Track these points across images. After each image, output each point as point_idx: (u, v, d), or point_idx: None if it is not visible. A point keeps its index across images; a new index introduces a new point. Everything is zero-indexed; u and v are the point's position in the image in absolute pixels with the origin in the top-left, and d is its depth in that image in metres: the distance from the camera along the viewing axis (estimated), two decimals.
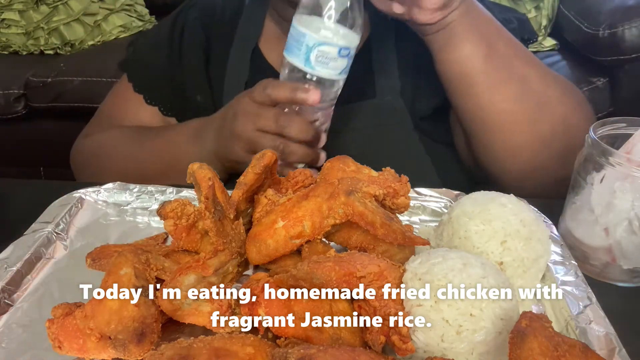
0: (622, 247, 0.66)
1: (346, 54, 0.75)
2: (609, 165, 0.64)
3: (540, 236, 0.63)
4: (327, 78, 0.77)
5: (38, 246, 0.68)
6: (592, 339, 0.54)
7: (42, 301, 0.62)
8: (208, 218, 0.61)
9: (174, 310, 0.54)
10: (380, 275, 0.53)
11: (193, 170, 0.67)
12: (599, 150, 0.65)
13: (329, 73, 0.76)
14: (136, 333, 0.50)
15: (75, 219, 0.76)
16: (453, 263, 0.54)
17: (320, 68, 0.75)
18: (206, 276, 0.56)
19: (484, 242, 0.61)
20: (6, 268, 0.63)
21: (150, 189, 0.81)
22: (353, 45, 0.76)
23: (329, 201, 0.60)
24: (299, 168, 0.80)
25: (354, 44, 0.76)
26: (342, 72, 0.77)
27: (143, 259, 0.57)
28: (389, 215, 0.62)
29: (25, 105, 2.20)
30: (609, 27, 1.88)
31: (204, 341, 0.49)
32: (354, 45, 0.76)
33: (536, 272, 0.63)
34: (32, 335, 0.57)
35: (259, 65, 1.02)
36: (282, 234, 0.61)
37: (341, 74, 0.78)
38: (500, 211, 0.63)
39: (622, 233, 0.65)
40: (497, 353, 0.50)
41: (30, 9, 2.36)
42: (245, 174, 0.68)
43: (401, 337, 0.50)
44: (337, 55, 0.74)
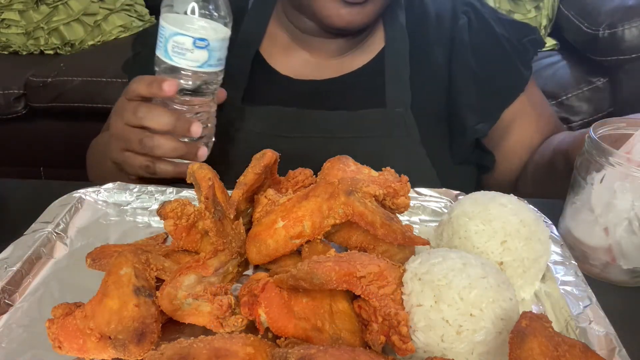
0: (621, 247, 0.66)
1: (204, 46, 0.74)
2: (609, 165, 0.64)
3: (540, 236, 0.63)
4: (185, 68, 0.75)
5: (38, 246, 0.68)
6: (592, 339, 0.54)
7: (42, 301, 0.62)
8: (208, 218, 0.61)
9: (174, 310, 0.54)
10: (380, 275, 0.53)
11: (193, 170, 0.67)
12: (599, 150, 0.65)
13: (186, 64, 0.75)
14: (136, 333, 0.50)
15: (75, 219, 0.76)
16: (453, 263, 0.54)
17: (177, 58, 0.75)
18: (206, 276, 0.56)
19: (484, 242, 0.61)
20: (6, 268, 0.63)
21: (150, 189, 0.81)
22: (212, 37, 0.75)
23: (329, 201, 0.60)
24: (183, 163, 0.79)
25: (214, 36, 0.75)
26: (205, 64, 0.76)
27: (143, 259, 0.57)
28: (389, 215, 0.62)
29: (25, 105, 2.20)
30: (609, 27, 1.88)
31: (204, 341, 0.49)
32: (215, 37, 0.75)
33: (536, 272, 0.63)
34: (32, 335, 0.57)
35: (260, 70, 1.01)
36: (282, 234, 0.61)
37: (204, 67, 0.76)
38: (500, 211, 0.63)
39: (622, 233, 0.65)
40: (497, 353, 0.50)
41: (30, 9, 2.36)
42: (245, 174, 0.68)
43: (401, 337, 0.50)
44: (192, 46, 0.74)
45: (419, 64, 0.99)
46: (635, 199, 0.63)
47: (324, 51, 1.00)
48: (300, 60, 1.02)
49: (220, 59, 0.78)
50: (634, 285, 0.68)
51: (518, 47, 1.00)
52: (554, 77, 2.02)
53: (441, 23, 1.02)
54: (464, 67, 0.98)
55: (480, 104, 0.98)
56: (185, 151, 0.79)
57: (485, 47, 1.00)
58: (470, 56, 0.99)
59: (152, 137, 0.77)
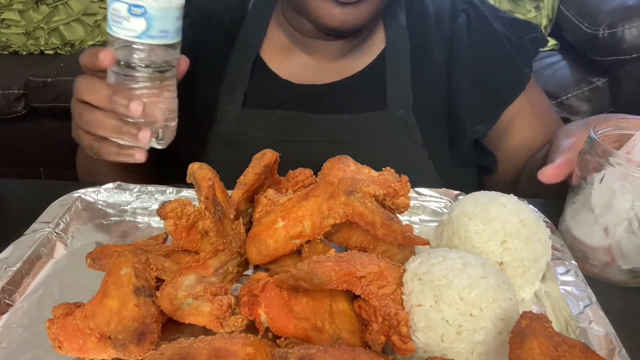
0: (621, 247, 0.66)
1: (139, 13, 0.67)
2: (608, 165, 0.64)
3: (540, 236, 0.63)
4: (122, 38, 0.69)
5: (38, 246, 0.68)
6: (592, 339, 0.54)
7: (42, 301, 0.62)
8: (208, 218, 0.61)
9: (174, 310, 0.54)
10: (380, 275, 0.53)
11: (193, 170, 0.67)
12: (599, 151, 0.65)
13: (124, 33, 0.68)
14: (136, 333, 0.50)
15: (75, 219, 0.76)
16: (453, 263, 0.54)
17: (115, 28, 0.69)
18: (206, 276, 0.56)
19: (484, 242, 0.61)
20: (6, 268, 0.63)
21: (150, 189, 0.81)
22: (150, 4, 0.67)
23: (329, 201, 0.60)
24: (128, 146, 0.72)
25: (153, 3, 0.67)
26: (144, 35, 0.68)
27: (143, 259, 0.57)
28: (389, 215, 0.62)
29: (25, 105, 2.20)
30: (609, 27, 1.88)
31: (204, 341, 0.49)
32: (153, 4, 0.67)
33: (536, 272, 0.63)
34: (32, 335, 0.57)
35: (260, 74, 1.00)
36: (282, 234, 0.61)
37: (142, 37, 0.68)
38: (500, 211, 0.63)
39: (621, 233, 0.65)
40: (497, 353, 0.50)
41: (30, 9, 2.36)
42: (245, 174, 0.68)
43: (401, 337, 0.50)
44: (128, 14, 0.68)
45: (420, 65, 0.98)
46: (635, 199, 0.63)
47: (324, 54, 1.00)
48: (300, 63, 1.01)
49: (164, 31, 0.69)
50: (633, 285, 0.68)
51: (518, 46, 0.99)
52: (554, 77, 2.02)
53: (440, 22, 1.01)
54: (462, 66, 0.98)
55: (479, 104, 0.97)
56: (125, 131, 0.70)
57: (484, 46, 0.99)
58: (469, 55, 0.98)
59: (91, 111, 0.71)
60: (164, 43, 0.70)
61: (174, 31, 0.70)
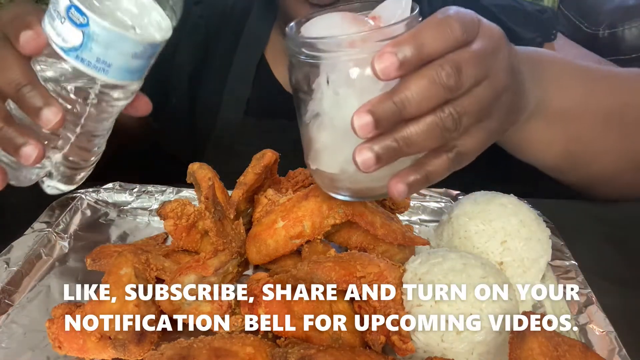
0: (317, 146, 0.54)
1: (79, 23, 0.48)
2: None
3: (540, 236, 0.63)
4: (49, 39, 0.50)
5: (38, 246, 0.68)
6: (592, 339, 0.54)
7: (42, 301, 0.62)
8: (208, 218, 0.61)
9: (174, 310, 0.54)
10: (380, 275, 0.53)
11: (193, 170, 0.67)
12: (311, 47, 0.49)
13: (51, 35, 0.50)
14: (136, 333, 0.50)
15: (75, 219, 0.76)
16: (453, 263, 0.54)
17: (47, 24, 0.50)
18: (206, 276, 0.56)
19: (484, 242, 0.61)
20: (6, 268, 0.63)
21: (150, 189, 0.81)
22: (91, 16, 0.48)
23: (329, 201, 0.60)
24: None
25: (96, 19, 0.48)
26: (73, 52, 0.49)
27: (143, 259, 0.57)
28: (389, 215, 0.62)
29: None
30: (609, 27, 1.88)
31: (204, 341, 0.49)
32: (94, 18, 0.48)
33: (536, 272, 0.63)
34: (32, 335, 0.57)
35: (264, 80, 0.96)
36: (282, 234, 0.61)
37: (69, 54, 0.49)
38: (500, 211, 0.63)
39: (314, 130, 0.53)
40: (497, 353, 0.50)
41: None
42: (245, 174, 0.68)
43: (401, 337, 0.50)
44: (65, 15, 0.48)
45: None
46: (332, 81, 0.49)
47: None
48: None
49: (103, 62, 0.49)
50: (355, 199, 0.56)
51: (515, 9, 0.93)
52: None
53: None
54: None
55: None
56: (7, 135, 0.50)
57: None
58: None
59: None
60: (98, 77, 0.50)
61: (120, 69, 0.50)
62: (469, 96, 0.48)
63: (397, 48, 0.44)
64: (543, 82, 0.64)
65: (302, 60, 0.50)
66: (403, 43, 0.45)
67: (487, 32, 0.50)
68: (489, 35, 0.50)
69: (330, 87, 0.49)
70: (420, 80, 0.45)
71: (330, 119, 0.51)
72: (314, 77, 0.50)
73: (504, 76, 0.51)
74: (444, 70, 0.45)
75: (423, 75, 0.45)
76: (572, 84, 0.69)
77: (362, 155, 0.46)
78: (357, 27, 0.50)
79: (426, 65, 0.45)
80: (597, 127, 0.73)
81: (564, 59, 0.72)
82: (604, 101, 0.73)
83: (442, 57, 0.46)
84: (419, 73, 0.45)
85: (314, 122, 0.52)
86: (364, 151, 0.46)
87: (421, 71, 0.45)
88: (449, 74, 0.45)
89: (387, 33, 0.47)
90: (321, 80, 0.50)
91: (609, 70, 0.79)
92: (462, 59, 0.46)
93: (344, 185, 0.54)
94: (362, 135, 0.45)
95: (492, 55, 0.49)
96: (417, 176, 0.49)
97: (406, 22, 0.48)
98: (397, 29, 0.47)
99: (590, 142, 0.74)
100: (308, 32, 0.52)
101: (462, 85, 0.46)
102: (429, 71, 0.45)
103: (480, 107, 0.49)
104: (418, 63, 0.45)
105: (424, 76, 0.45)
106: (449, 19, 0.46)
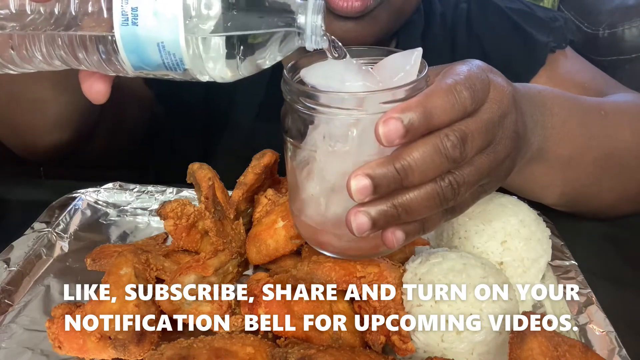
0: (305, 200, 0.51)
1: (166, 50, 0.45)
2: None
3: (540, 236, 0.63)
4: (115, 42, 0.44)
5: (38, 246, 0.68)
6: (592, 339, 0.54)
7: (42, 301, 0.62)
8: (208, 218, 0.61)
9: (174, 310, 0.54)
10: (380, 275, 0.53)
11: (193, 170, 0.67)
12: (306, 96, 0.47)
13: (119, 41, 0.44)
14: (136, 333, 0.50)
15: (75, 219, 0.76)
16: (453, 263, 0.54)
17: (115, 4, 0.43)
18: (206, 276, 0.56)
19: (484, 242, 0.61)
20: (6, 268, 0.63)
21: (150, 189, 0.81)
22: (192, 61, 0.47)
23: None
24: None
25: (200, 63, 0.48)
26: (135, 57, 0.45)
27: (143, 259, 0.57)
28: None
29: None
30: (609, 27, 1.88)
31: (204, 341, 0.49)
32: (200, 64, 0.48)
33: (536, 272, 0.63)
34: (32, 335, 0.57)
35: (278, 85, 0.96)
36: (282, 234, 0.61)
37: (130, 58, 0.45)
38: (500, 211, 0.63)
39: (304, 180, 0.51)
40: (497, 353, 0.50)
41: None
42: (245, 174, 0.68)
43: (401, 337, 0.50)
44: None
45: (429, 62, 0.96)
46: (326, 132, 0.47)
47: None
48: None
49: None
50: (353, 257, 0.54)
51: (529, 14, 0.92)
52: None
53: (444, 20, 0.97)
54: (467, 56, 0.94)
55: None
56: None
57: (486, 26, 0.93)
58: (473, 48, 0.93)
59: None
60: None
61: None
62: (470, 165, 0.46)
63: (404, 114, 0.42)
64: (546, 129, 0.63)
65: (298, 108, 0.48)
66: (410, 109, 0.43)
67: (497, 96, 0.48)
68: (499, 100, 0.48)
69: (326, 141, 0.47)
70: (425, 149, 0.43)
71: (321, 171, 0.49)
72: (308, 125, 0.48)
73: (508, 144, 0.50)
74: (449, 140, 0.44)
75: (427, 143, 0.43)
76: (573, 129, 0.68)
77: (357, 219, 0.44)
78: (362, 80, 0.48)
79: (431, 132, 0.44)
80: (594, 172, 0.73)
81: (567, 100, 0.70)
82: (602, 147, 0.72)
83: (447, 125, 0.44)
84: (423, 141, 0.43)
85: (304, 169, 0.50)
86: (359, 215, 0.44)
87: (426, 139, 0.44)
88: (454, 145, 0.44)
89: (394, 95, 0.45)
90: (316, 133, 0.48)
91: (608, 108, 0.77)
92: (468, 130, 0.45)
93: (327, 241, 0.52)
94: (357, 199, 0.43)
95: (499, 123, 0.48)
96: (416, 225, 0.48)
97: (414, 84, 0.46)
98: (404, 92, 0.45)
99: (587, 185, 0.74)
100: (307, 77, 0.49)
101: (466, 157, 0.45)
102: (435, 140, 0.43)
103: (480, 177, 0.48)
104: (424, 132, 0.43)
105: (429, 144, 0.43)
106: (459, 87, 0.45)
